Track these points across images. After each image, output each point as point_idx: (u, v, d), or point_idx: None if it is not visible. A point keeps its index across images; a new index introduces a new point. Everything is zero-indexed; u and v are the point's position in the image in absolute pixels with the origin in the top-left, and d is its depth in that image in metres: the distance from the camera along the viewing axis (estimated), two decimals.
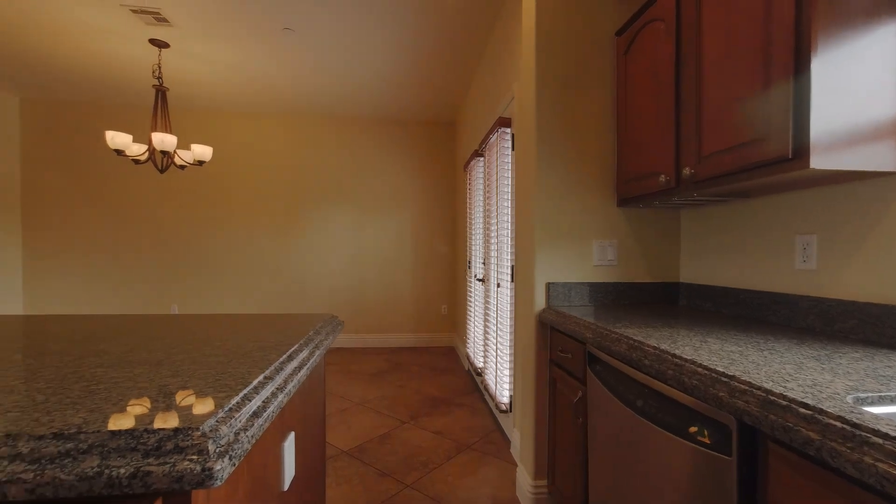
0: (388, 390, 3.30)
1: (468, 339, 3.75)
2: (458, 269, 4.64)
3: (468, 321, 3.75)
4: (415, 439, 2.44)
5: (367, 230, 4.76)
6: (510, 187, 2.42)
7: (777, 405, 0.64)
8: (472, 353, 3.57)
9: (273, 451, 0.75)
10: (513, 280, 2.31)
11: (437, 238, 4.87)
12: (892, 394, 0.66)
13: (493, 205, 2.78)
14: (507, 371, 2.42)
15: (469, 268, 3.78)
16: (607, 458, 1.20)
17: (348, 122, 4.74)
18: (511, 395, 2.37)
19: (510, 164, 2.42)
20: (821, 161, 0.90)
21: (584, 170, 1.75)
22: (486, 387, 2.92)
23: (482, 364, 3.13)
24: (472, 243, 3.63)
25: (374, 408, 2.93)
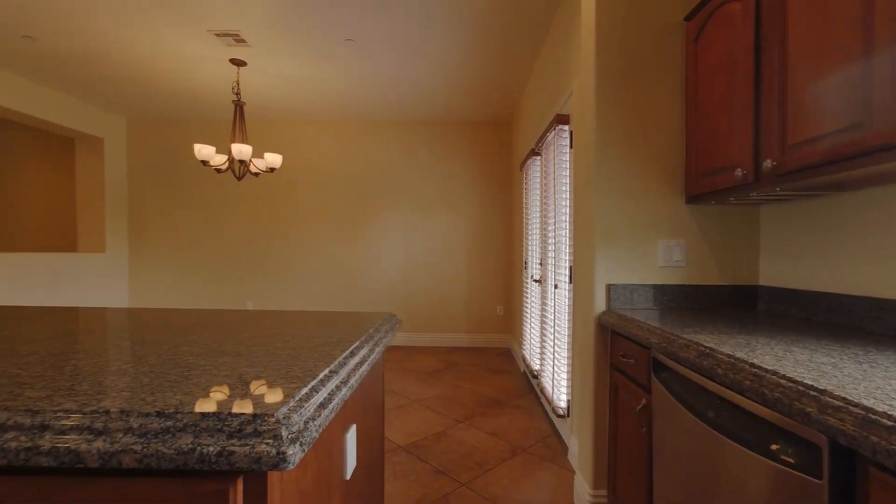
0: (443, 389, 3.35)
1: (524, 341, 3.69)
2: (514, 269, 4.59)
3: (524, 322, 3.70)
4: (470, 439, 2.45)
5: (422, 230, 4.86)
6: (568, 186, 2.35)
7: (880, 425, 0.57)
8: (528, 355, 3.52)
9: (337, 442, 0.80)
10: (571, 281, 2.24)
11: (492, 238, 4.85)
12: None
13: (551, 204, 2.72)
14: (565, 374, 2.35)
15: (525, 268, 3.73)
16: (674, 471, 1.12)
17: (404, 125, 4.87)
18: (569, 400, 2.30)
19: (568, 163, 2.35)
20: None
21: (647, 166, 1.66)
22: (542, 390, 2.86)
23: (538, 366, 3.07)
24: (529, 244, 3.58)
25: (429, 406, 2.99)
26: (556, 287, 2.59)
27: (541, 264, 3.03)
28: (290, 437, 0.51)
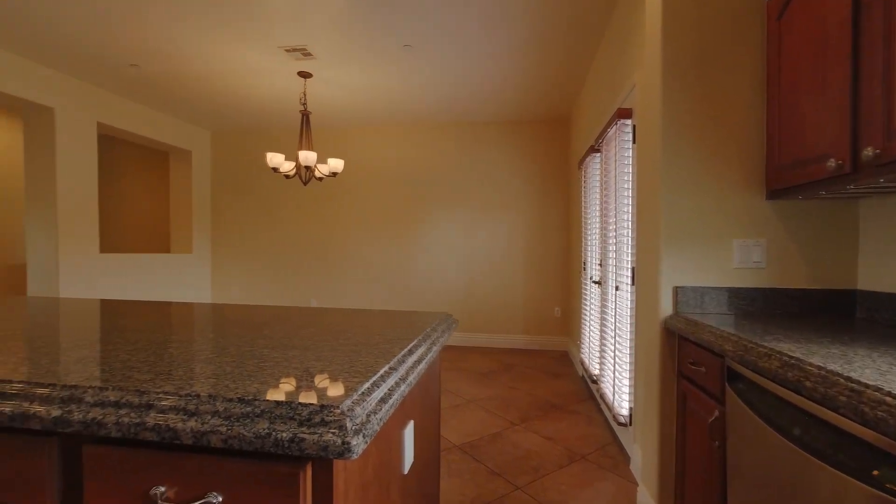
0: (498, 390, 3.33)
1: (583, 344, 3.56)
2: (573, 270, 4.44)
3: (583, 325, 3.57)
4: (526, 442, 2.42)
5: (479, 231, 4.86)
6: (630, 183, 2.23)
7: None
8: (586, 359, 3.39)
9: (396, 437, 0.83)
10: (633, 283, 2.13)
11: (549, 238, 4.74)
12: None
13: (612, 203, 2.60)
14: (627, 381, 2.24)
15: (584, 269, 3.60)
16: (753, 490, 1.03)
17: (461, 126, 4.91)
18: (631, 408, 2.18)
19: (630, 158, 2.23)
20: None
21: (720, 160, 1.53)
22: (602, 395, 2.74)
23: (598, 371, 2.95)
24: (588, 244, 3.45)
25: (484, 406, 2.98)
26: (617, 289, 2.47)
27: (600, 265, 2.90)
28: (353, 428, 0.54)
